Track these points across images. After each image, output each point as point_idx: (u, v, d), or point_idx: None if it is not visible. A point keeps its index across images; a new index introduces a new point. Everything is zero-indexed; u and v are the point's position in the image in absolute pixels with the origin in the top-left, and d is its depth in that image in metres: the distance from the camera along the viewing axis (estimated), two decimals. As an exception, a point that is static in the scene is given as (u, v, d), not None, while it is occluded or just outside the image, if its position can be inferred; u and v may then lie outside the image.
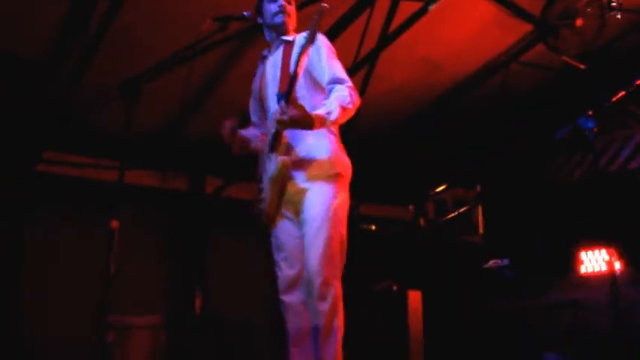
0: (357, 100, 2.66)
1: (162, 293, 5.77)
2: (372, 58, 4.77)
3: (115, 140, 4.35)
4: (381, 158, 6.32)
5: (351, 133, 3.09)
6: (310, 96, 2.73)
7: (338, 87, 2.65)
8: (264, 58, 2.98)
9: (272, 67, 2.87)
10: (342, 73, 2.72)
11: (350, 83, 2.69)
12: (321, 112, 2.53)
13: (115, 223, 2.39)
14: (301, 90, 2.71)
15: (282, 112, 2.46)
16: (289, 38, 2.84)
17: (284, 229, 2.78)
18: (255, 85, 3.01)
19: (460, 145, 6.44)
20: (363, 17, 4.47)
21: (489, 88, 5.63)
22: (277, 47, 2.90)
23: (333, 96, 2.61)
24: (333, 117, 2.53)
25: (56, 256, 5.26)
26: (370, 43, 4.64)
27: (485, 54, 5.38)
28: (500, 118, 5.95)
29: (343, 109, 2.57)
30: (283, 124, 2.51)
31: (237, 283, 6.01)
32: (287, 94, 2.47)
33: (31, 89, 4.34)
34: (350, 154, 2.85)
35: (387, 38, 4.63)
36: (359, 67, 4.79)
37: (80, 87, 4.60)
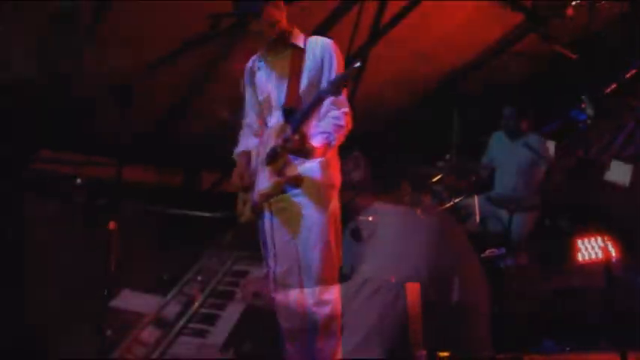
0: (350, 125, 2.71)
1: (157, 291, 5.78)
2: (364, 52, 4.79)
3: (110, 138, 4.38)
4: (375, 151, 6.34)
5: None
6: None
7: (334, 113, 2.68)
8: (264, 56, 2.83)
9: (278, 68, 2.77)
10: (342, 94, 2.69)
11: (346, 108, 2.71)
12: (320, 143, 2.58)
13: (112, 225, 2.41)
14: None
15: (286, 141, 2.47)
16: (300, 44, 2.75)
17: (273, 227, 2.74)
18: (247, 80, 2.91)
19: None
20: (354, 12, 4.49)
21: (482, 78, 5.66)
22: (284, 49, 2.77)
23: (331, 124, 2.66)
24: (331, 147, 2.64)
25: (55, 255, 5.25)
26: (362, 36, 4.67)
27: (477, 45, 5.41)
28: (493, 107, 5.98)
29: (338, 137, 2.66)
30: (284, 151, 2.55)
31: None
32: (295, 126, 2.48)
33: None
34: (344, 147, 2.86)
35: (378, 32, 4.65)
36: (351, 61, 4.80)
37: (74, 86, 4.61)
